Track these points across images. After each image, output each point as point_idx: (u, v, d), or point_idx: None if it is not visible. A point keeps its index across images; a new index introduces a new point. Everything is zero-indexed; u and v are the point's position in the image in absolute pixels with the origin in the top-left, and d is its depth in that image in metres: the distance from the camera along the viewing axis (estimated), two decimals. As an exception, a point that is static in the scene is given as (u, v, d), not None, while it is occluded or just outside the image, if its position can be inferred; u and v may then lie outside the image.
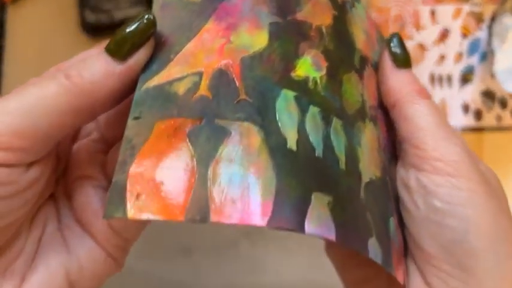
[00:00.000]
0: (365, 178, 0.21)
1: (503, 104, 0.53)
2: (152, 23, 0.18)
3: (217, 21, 0.19)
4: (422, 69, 0.53)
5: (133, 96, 0.18)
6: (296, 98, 0.19)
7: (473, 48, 0.54)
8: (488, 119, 0.53)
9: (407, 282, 0.22)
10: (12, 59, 0.54)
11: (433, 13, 0.54)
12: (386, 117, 0.25)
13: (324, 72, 0.21)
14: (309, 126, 0.19)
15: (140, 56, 0.18)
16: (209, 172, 0.16)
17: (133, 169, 0.16)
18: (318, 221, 0.17)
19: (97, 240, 0.21)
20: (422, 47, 0.54)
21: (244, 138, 0.17)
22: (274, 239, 0.49)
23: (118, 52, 0.18)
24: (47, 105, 0.17)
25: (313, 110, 0.19)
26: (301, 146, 0.18)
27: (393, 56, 0.24)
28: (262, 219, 0.16)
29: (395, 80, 0.24)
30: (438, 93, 0.53)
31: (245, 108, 0.18)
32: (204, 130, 0.17)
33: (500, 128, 0.53)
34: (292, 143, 0.18)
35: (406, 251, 0.23)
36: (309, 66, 0.20)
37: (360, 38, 0.24)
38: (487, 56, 0.53)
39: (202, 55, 0.18)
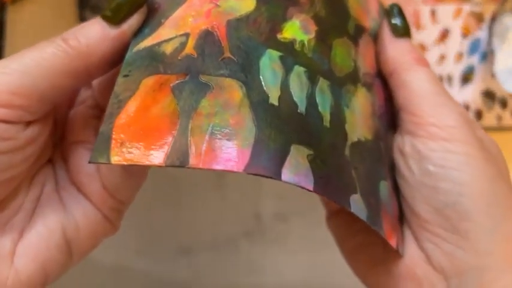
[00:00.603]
0: (352, 137, 0.21)
1: (504, 104, 0.53)
2: None
3: None
4: (423, 69, 0.53)
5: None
6: (281, 58, 0.20)
7: (473, 48, 0.54)
8: (489, 119, 0.53)
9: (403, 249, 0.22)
10: (12, 59, 0.54)
11: (433, 13, 0.54)
12: (386, 88, 0.25)
13: (312, 35, 0.21)
14: (292, 84, 0.19)
15: (133, 21, 0.19)
16: (190, 123, 0.17)
17: (119, 120, 0.17)
18: (296, 170, 0.18)
19: (92, 202, 0.22)
20: (422, 47, 0.54)
21: (225, 93, 0.18)
22: (274, 239, 0.49)
23: (113, 18, 0.19)
24: (45, 66, 0.19)
25: (299, 69, 0.20)
26: (283, 102, 0.19)
27: (392, 25, 0.25)
28: (240, 165, 0.17)
29: (394, 48, 0.24)
30: (438, 93, 0.53)
31: (229, 65, 0.19)
32: (187, 85, 0.18)
33: (500, 128, 0.53)
34: (274, 98, 0.19)
35: (402, 219, 0.23)
36: (296, 29, 0.21)
37: (356, 8, 0.24)
38: (487, 56, 0.53)
39: (191, 18, 0.19)
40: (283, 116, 0.19)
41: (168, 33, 0.19)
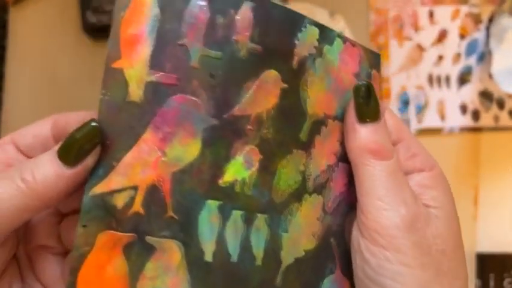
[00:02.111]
0: (288, 260, 0.24)
1: (501, 104, 0.53)
2: (97, 131, 0.20)
3: (154, 130, 0.21)
4: (421, 70, 0.54)
5: (81, 197, 0.20)
6: (219, 207, 0.22)
7: (471, 49, 0.54)
8: (486, 119, 0.53)
9: None
10: (14, 60, 0.55)
11: (431, 14, 0.54)
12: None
13: (255, 167, 0.23)
14: (228, 233, 0.22)
15: (88, 162, 0.20)
16: (137, 285, 0.20)
17: (81, 277, 0.20)
18: None
19: None
20: (420, 48, 0.54)
21: (166, 255, 0.21)
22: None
23: (68, 159, 0.20)
24: (4, 207, 0.20)
25: (236, 214, 0.22)
26: (218, 255, 0.22)
27: (357, 108, 0.24)
28: None
29: (354, 137, 0.24)
30: (436, 94, 0.53)
31: (171, 225, 0.21)
32: (135, 246, 0.20)
33: (497, 128, 0.53)
34: (208, 255, 0.22)
35: None
36: (239, 167, 0.22)
37: (319, 97, 0.25)
38: (484, 56, 0.54)
39: (139, 168, 0.21)
40: (216, 270, 0.22)
41: (119, 183, 0.20)
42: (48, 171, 0.20)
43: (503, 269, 0.51)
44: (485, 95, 0.53)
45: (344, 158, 0.25)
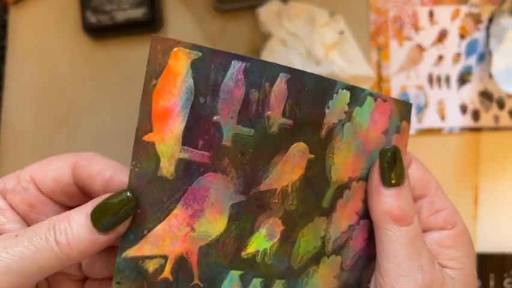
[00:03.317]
0: None
1: (501, 104, 0.53)
2: (133, 202, 0.21)
3: (184, 207, 0.21)
4: (421, 70, 0.54)
5: (115, 259, 0.21)
6: (241, 276, 0.23)
7: (471, 49, 0.54)
8: (486, 120, 0.53)
9: None
10: (14, 60, 0.55)
11: (431, 14, 0.54)
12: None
13: (277, 238, 0.24)
14: None
15: (120, 229, 0.21)
16: None
17: None
18: None
19: None
20: (420, 48, 0.54)
21: None
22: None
23: (102, 224, 0.21)
24: (40, 268, 0.21)
25: (256, 282, 0.23)
26: None
27: (382, 172, 0.24)
28: None
29: (377, 200, 0.24)
30: (436, 94, 0.53)
31: None
32: None
33: (497, 129, 0.53)
34: None
35: None
36: (262, 239, 0.23)
37: (345, 162, 0.25)
38: (484, 56, 0.54)
39: (169, 241, 0.21)
40: None
41: (150, 250, 0.21)
42: (82, 238, 0.21)
43: (503, 269, 0.51)
44: (485, 95, 0.53)
45: (366, 214, 0.26)
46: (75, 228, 0.21)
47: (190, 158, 0.21)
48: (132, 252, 0.21)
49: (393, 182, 0.24)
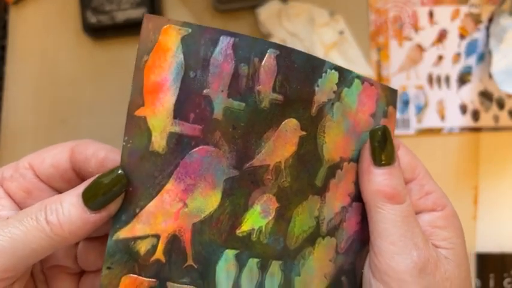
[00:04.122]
0: None
1: (501, 104, 0.53)
2: (124, 179, 0.21)
3: (177, 182, 0.21)
4: (421, 70, 0.54)
5: (106, 239, 0.21)
6: (236, 256, 0.23)
7: (471, 49, 0.54)
8: (486, 120, 0.53)
9: None
10: (14, 60, 0.55)
11: (431, 14, 0.54)
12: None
13: (272, 216, 0.23)
14: (244, 281, 0.23)
15: (112, 207, 0.21)
16: None
17: None
18: None
19: None
20: (420, 48, 0.54)
21: None
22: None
23: (93, 203, 0.21)
24: (32, 250, 0.20)
25: (252, 262, 0.23)
26: None
27: (372, 151, 0.24)
28: None
29: (368, 180, 0.24)
30: (436, 94, 0.53)
31: (190, 273, 0.22)
32: None
33: (497, 129, 0.53)
34: None
35: None
36: (256, 216, 0.23)
37: (335, 142, 0.25)
38: (484, 56, 0.54)
39: (161, 218, 0.21)
40: None
41: (141, 230, 0.21)
42: (74, 217, 0.21)
43: (503, 269, 0.51)
44: (485, 95, 0.53)
45: (358, 197, 0.26)
46: (67, 207, 0.21)
47: (181, 132, 0.21)
48: (123, 233, 0.21)
49: (384, 161, 0.24)
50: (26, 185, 0.23)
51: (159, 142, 0.21)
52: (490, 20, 0.54)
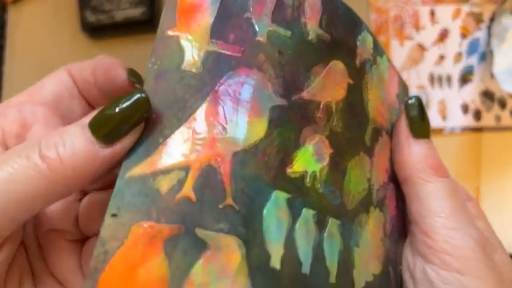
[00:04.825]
0: (360, 282, 0.20)
1: (503, 104, 0.53)
2: (146, 104, 0.16)
3: (214, 104, 0.17)
4: (422, 70, 0.53)
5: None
6: (288, 201, 0.18)
7: (472, 48, 0.54)
8: (488, 119, 0.53)
9: None
10: (13, 59, 0.55)
11: (432, 13, 0.54)
12: (398, 188, 0.23)
13: (326, 162, 0.20)
14: (299, 235, 0.18)
15: (128, 140, 0.16)
16: None
17: (104, 280, 0.15)
18: None
19: None
20: (421, 47, 0.54)
21: (222, 255, 0.16)
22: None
23: (104, 134, 0.16)
24: (17, 192, 0.15)
25: (307, 213, 0.19)
26: (286, 262, 0.17)
27: (410, 124, 0.23)
28: None
29: (410, 153, 0.22)
30: (437, 93, 0.53)
31: (229, 216, 0.16)
32: (181, 241, 0.16)
33: (499, 128, 0.53)
34: (275, 260, 0.17)
35: None
36: (309, 158, 0.19)
37: (376, 104, 0.23)
38: (486, 56, 0.53)
39: (192, 147, 0.17)
40: (285, 281, 0.17)
41: (165, 162, 0.16)
42: (78, 150, 0.15)
43: (505, 270, 0.51)
44: (487, 95, 0.53)
45: (393, 178, 0.24)
46: (69, 139, 0.16)
47: (220, 50, 0.18)
48: (140, 169, 0.16)
49: (424, 134, 0.22)
50: (23, 119, 0.19)
51: (192, 61, 0.18)
52: (492, 19, 0.54)
